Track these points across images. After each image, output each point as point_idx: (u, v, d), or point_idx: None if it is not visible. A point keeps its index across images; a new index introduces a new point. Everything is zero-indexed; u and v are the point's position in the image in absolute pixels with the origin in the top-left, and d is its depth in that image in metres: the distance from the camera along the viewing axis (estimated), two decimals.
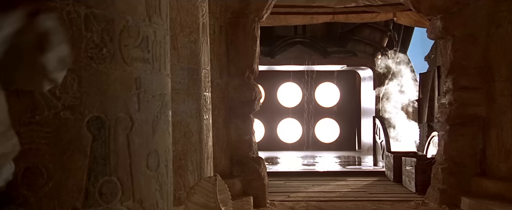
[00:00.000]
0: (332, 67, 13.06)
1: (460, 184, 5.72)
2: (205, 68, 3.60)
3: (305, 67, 12.98)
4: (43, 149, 1.24)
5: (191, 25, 3.42)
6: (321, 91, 14.25)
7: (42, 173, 1.23)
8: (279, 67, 12.92)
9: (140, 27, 1.48)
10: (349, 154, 13.29)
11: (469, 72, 5.71)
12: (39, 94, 1.23)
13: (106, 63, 1.36)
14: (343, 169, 10.28)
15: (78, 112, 1.29)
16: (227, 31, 5.95)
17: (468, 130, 5.72)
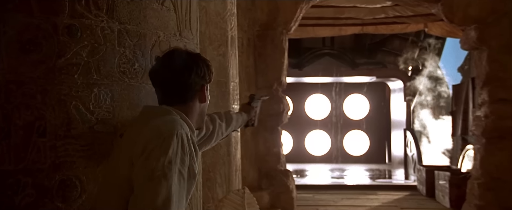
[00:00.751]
0: (361, 79, 12.90)
1: (499, 200, 5.46)
2: (233, 81, 3.61)
3: (333, 79, 12.88)
4: (77, 162, 1.26)
5: (220, 38, 3.45)
6: (350, 103, 14.08)
7: (76, 186, 1.25)
8: (307, 79, 12.87)
9: (171, 42, 1.50)
10: (379, 167, 13.01)
11: (506, 84, 5.50)
12: (74, 108, 1.25)
13: (138, 78, 1.38)
14: (373, 182, 10.06)
15: (111, 125, 1.31)
16: (255, 43, 5.97)
17: (507, 144, 5.47)
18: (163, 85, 1.37)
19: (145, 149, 1.20)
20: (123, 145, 1.30)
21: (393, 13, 8.04)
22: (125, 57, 1.35)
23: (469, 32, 5.76)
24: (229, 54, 3.53)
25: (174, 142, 1.22)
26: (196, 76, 1.42)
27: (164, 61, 1.36)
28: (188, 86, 1.40)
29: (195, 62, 1.44)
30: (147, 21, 1.41)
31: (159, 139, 1.21)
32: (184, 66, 1.37)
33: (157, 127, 1.25)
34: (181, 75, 1.37)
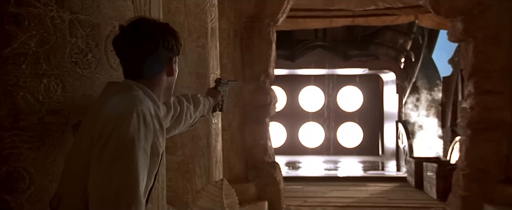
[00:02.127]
0: (353, 71, 12.91)
1: (483, 191, 5.50)
2: (214, 73, 3.59)
3: (327, 71, 12.87)
4: (25, 153, 1.25)
5: (200, 30, 3.42)
6: (344, 95, 14.10)
7: (24, 178, 1.24)
8: (301, 71, 12.86)
9: None
10: (372, 159, 13.08)
11: (492, 76, 5.51)
12: (22, 99, 1.24)
13: (92, 68, 1.37)
14: (363, 174, 10.09)
15: (62, 116, 1.30)
16: (242, 35, 5.94)
17: (492, 135, 5.51)
18: (127, 58, 1.29)
19: (103, 130, 1.15)
20: (84, 125, 1.24)
21: (383, 4, 8.01)
22: (77, 48, 1.33)
23: (456, 24, 5.76)
24: (209, 46, 3.51)
25: (134, 119, 1.16)
26: (163, 48, 1.34)
27: (128, 31, 1.27)
28: (154, 59, 1.32)
29: (162, 33, 1.35)
30: (101, 11, 1.39)
31: (117, 119, 1.16)
32: (149, 37, 1.30)
33: (114, 106, 1.19)
34: (147, 47, 1.29)
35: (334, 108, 13.99)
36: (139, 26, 1.29)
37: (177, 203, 3.24)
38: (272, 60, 6.27)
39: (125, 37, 1.27)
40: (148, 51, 1.30)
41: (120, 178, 1.12)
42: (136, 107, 1.19)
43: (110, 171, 1.12)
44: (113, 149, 1.13)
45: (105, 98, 1.24)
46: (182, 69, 3.32)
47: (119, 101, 1.21)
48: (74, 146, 1.25)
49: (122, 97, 1.23)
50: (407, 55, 12.87)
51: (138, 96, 1.25)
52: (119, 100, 1.22)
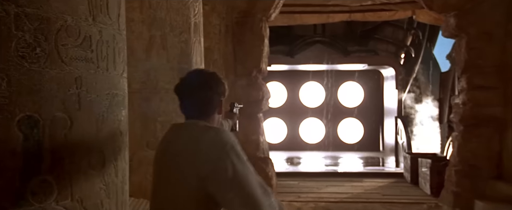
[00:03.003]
0: (353, 67, 12.85)
1: (475, 187, 5.48)
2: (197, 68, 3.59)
3: (328, 67, 12.83)
4: None
5: (182, 25, 3.42)
6: (344, 91, 14.06)
7: None
8: (302, 67, 12.82)
9: (81, 27, 1.48)
10: (372, 155, 13.04)
11: (484, 71, 5.47)
12: None
13: (40, 63, 1.37)
14: (360, 170, 10.08)
15: (7, 111, 1.31)
16: (234, 30, 5.94)
17: (483, 131, 5.47)
18: (192, 103, 1.66)
19: (220, 158, 1.47)
20: (179, 161, 1.53)
21: (380, 0, 7.96)
22: (24, 42, 1.34)
23: (449, 19, 5.71)
24: (192, 41, 3.51)
25: (236, 145, 1.54)
26: (216, 95, 1.71)
27: (190, 80, 1.68)
28: (212, 102, 1.69)
29: (215, 81, 1.72)
30: (50, 5, 1.39)
31: (228, 146, 1.50)
32: (208, 85, 1.67)
33: (216, 140, 1.52)
34: (209, 95, 1.67)
35: (334, 104, 13.95)
36: (199, 76, 1.71)
37: None
38: (265, 56, 6.27)
39: (190, 87, 1.67)
40: (209, 98, 1.68)
41: (256, 180, 1.53)
42: (231, 136, 1.56)
43: (248, 180, 1.49)
44: (240, 166, 1.49)
45: (194, 135, 1.55)
46: (164, 64, 3.34)
47: (215, 136, 1.54)
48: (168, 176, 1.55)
49: (215, 132, 1.56)
50: (407, 51, 12.80)
51: (222, 129, 1.62)
52: (215, 135, 1.55)
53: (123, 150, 1.73)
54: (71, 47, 1.45)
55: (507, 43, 5.31)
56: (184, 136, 1.59)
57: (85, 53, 1.50)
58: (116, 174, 1.66)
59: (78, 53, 1.47)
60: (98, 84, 1.56)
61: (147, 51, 3.26)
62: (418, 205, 6.06)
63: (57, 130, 1.41)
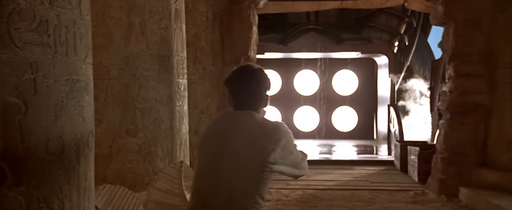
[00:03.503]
0: (347, 55, 12.82)
1: (460, 174, 5.53)
2: (178, 55, 3.58)
3: (321, 55, 12.79)
4: None
5: (162, 11, 3.40)
6: (339, 79, 14.06)
7: None
8: (296, 55, 12.77)
9: (36, 10, 1.47)
10: (366, 143, 13.10)
11: (471, 59, 5.47)
12: None
13: None
14: (352, 158, 10.13)
15: None
16: (221, 18, 5.90)
17: (469, 119, 5.50)
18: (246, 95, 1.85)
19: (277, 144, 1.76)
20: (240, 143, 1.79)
21: None
22: None
23: (437, 7, 5.70)
24: (172, 28, 3.49)
25: (291, 134, 1.84)
26: (264, 89, 1.89)
27: (243, 75, 1.87)
28: (262, 96, 1.88)
29: (264, 76, 1.89)
30: None
31: (283, 132, 1.80)
32: (259, 81, 1.86)
33: (274, 126, 1.81)
34: (259, 90, 1.86)
35: (329, 92, 13.96)
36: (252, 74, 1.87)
37: (138, 185, 3.27)
38: (253, 43, 6.24)
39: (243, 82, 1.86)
40: (260, 92, 1.87)
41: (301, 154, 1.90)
42: (285, 126, 1.84)
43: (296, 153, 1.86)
44: (291, 145, 1.82)
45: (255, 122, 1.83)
46: (143, 51, 3.33)
47: (273, 123, 1.85)
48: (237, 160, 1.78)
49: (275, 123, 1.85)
50: (401, 39, 12.76)
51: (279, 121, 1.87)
52: (272, 122, 1.85)
53: (86, 136, 1.73)
54: (25, 31, 1.44)
55: (493, 31, 5.31)
56: (248, 122, 1.84)
57: (41, 38, 1.49)
58: (77, 160, 1.66)
59: (33, 38, 1.46)
60: (56, 69, 1.55)
61: (126, 38, 3.25)
62: (405, 192, 6.10)
63: (10, 116, 1.41)
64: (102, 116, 3.20)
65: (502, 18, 5.20)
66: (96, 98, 3.26)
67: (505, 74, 5.12)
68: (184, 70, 3.74)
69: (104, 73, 3.19)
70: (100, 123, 3.20)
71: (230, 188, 1.75)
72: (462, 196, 5.32)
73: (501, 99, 5.20)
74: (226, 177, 1.78)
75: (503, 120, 5.17)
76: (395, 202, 5.53)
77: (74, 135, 1.65)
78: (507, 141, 5.11)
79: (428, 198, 5.66)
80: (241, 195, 1.74)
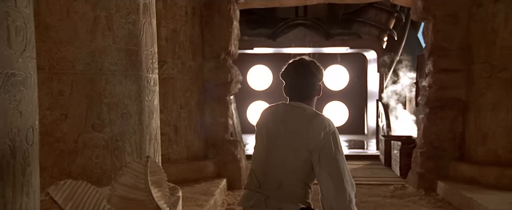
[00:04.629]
0: (336, 50, 12.82)
1: (438, 168, 5.57)
2: (147, 50, 3.56)
3: (311, 50, 12.78)
4: None
5: (129, 5, 3.38)
6: (330, 74, 14.07)
7: None
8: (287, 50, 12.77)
9: None
10: (357, 137, 13.13)
11: (450, 54, 5.49)
12: None
13: None
14: None
15: None
16: (201, 12, 5.88)
17: (447, 113, 5.53)
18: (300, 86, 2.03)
19: (321, 139, 1.90)
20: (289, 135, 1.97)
21: None
22: None
23: (417, 2, 5.70)
24: (141, 22, 3.47)
25: (337, 133, 1.96)
26: (317, 80, 2.05)
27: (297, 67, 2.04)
28: (315, 87, 2.06)
29: (317, 68, 2.05)
30: None
31: (329, 132, 1.92)
32: (312, 72, 2.03)
33: (322, 124, 1.93)
34: (314, 82, 2.03)
35: None
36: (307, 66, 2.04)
37: (105, 180, 3.26)
38: (235, 38, 6.23)
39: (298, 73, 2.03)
40: (313, 83, 2.05)
41: (343, 164, 1.93)
42: (333, 124, 1.98)
43: (338, 161, 1.92)
44: (335, 148, 1.92)
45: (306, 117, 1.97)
46: (110, 45, 3.31)
47: (322, 120, 1.96)
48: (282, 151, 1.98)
49: (322, 118, 1.97)
50: (390, 34, 12.76)
51: (328, 118, 2.00)
52: (323, 120, 1.96)
53: (24, 131, 1.71)
54: None
55: (470, 26, 5.32)
56: (298, 116, 1.99)
57: None
58: (12, 155, 1.65)
59: None
60: None
61: (91, 32, 3.22)
62: (386, 186, 6.14)
63: None
64: (67, 110, 3.18)
65: (479, 13, 5.21)
66: (61, 93, 3.27)
67: (481, 69, 5.14)
68: (155, 65, 3.72)
69: (69, 68, 3.17)
70: (65, 117, 3.19)
71: (280, 177, 1.97)
72: (440, 190, 5.36)
73: (477, 94, 5.22)
74: (277, 166, 1.99)
75: (479, 114, 5.20)
76: (374, 196, 5.56)
77: (8, 130, 1.63)
78: (483, 135, 5.14)
79: (407, 192, 5.69)
80: (288, 183, 1.95)
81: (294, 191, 1.96)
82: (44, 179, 3.07)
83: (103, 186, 3.17)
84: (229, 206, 5.11)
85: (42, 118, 3.12)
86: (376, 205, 5.09)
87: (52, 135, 3.17)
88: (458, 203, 4.73)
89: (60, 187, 2.75)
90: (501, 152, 4.98)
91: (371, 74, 12.98)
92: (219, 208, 5.03)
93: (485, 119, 5.10)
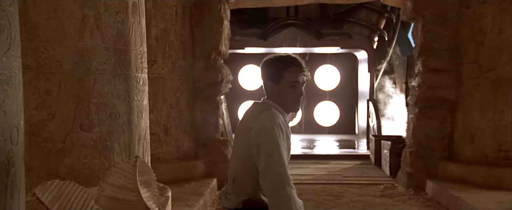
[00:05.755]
0: (327, 50, 12.87)
1: (427, 168, 5.61)
2: (136, 49, 3.54)
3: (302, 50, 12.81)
4: None
5: (118, 5, 3.35)
6: (321, 74, 14.11)
7: None
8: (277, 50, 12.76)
9: None
10: (348, 137, 13.18)
11: (439, 54, 5.54)
12: None
13: None
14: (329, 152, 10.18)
15: None
16: (192, 12, 5.86)
17: (436, 113, 5.57)
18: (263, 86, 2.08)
19: (258, 137, 1.92)
20: (243, 131, 2.05)
21: None
22: None
23: (406, 2, 5.74)
24: (130, 22, 3.45)
25: (277, 129, 1.91)
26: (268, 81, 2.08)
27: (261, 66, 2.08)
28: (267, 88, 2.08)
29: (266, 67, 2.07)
30: None
31: (266, 130, 1.91)
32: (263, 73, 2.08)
33: (263, 121, 1.95)
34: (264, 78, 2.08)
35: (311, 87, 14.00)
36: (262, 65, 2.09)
37: (93, 180, 3.24)
38: (225, 38, 6.22)
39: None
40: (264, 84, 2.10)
41: (274, 166, 1.88)
42: (276, 122, 1.93)
43: (268, 162, 1.88)
44: (265, 149, 1.90)
45: (256, 115, 2.00)
46: (98, 45, 3.28)
47: (266, 116, 1.97)
48: (237, 146, 2.09)
49: (266, 114, 1.98)
50: (380, 34, 12.84)
51: (276, 113, 1.99)
52: (265, 117, 1.97)
53: (8, 131, 1.69)
54: None
55: (459, 27, 5.37)
56: (252, 112, 2.07)
57: None
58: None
59: None
60: None
61: (79, 31, 3.19)
62: (375, 186, 6.17)
63: None
64: (55, 110, 3.15)
65: (467, 14, 5.26)
66: (49, 92, 3.23)
67: (470, 69, 5.19)
68: (144, 65, 3.70)
69: (57, 67, 3.14)
70: (53, 117, 3.16)
71: (234, 172, 2.06)
72: (429, 189, 5.41)
73: (466, 94, 5.28)
74: (233, 161, 2.11)
75: (467, 114, 5.25)
76: (364, 195, 5.59)
77: None
78: (471, 135, 5.19)
79: (396, 192, 5.73)
80: (239, 178, 2.02)
81: (244, 186, 2.00)
82: (31, 179, 3.05)
83: (92, 186, 3.14)
84: (219, 206, 5.10)
85: (29, 117, 3.09)
86: (365, 205, 5.11)
87: (39, 134, 3.14)
88: (446, 202, 4.77)
89: (47, 187, 2.72)
90: (488, 151, 5.04)
91: (362, 74, 13.04)
92: (209, 208, 5.02)
93: (473, 118, 5.15)
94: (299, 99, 2.07)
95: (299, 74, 2.04)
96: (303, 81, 2.06)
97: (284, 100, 2.04)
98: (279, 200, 1.85)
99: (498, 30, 4.88)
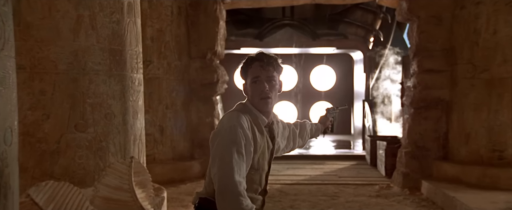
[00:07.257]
0: (322, 50, 12.89)
1: (423, 168, 5.63)
2: (132, 50, 3.53)
3: (298, 50, 12.83)
4: None
5: (113, 5, 3.34)
6: (317, 74, 14.13)
7: None
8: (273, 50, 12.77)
9: None
10: (343, 138, 13.20)
11: (434, 55, 5.56)
12: None
13: None
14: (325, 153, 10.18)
15: None
16: (187, 12, 5.86)
17: (431, 113, 5.59)
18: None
19: (213, 137, 1.84)
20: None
21: None
22: None
23: (402, 3, 5.76)
24: (125, 22, 3.44)
25: (230, 132, 1.79)
26: (244, 81, 1.97)
27: None
28: (244, 89, 1.97)
29: (241, 68, 1.96)
30: None
31: (222, 130, 1.82)
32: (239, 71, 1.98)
33: (222, 121, 1.88)
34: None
35: (307, 87, 14.02)
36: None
37: (88, 181, 3.22)
38: (221, 38, 6.21)
39: None
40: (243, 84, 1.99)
41: (221, 170, 1.76)
42: (233, 123, 1.81)
43: (217, 166, 1.77)
44: (217, 151, 1.79)
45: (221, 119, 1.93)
46: (93, 45, 3.27)
47: (224, 118, 1.89)
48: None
49: (226, 116, 1.90)
50: (376, 35, 12.87)
51: (237, 114, 1.86)
52: (225, 117, 1.90)
53: (1, 132, 1.67)
54: None
55: (454, 27, 5.40)
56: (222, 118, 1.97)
57: None
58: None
59: None
60: None
61: (74, 31, 3.18)
62: (371, 186, 6.18)
63: None
64: (49, 110, 3.13)
65: (462, 15, 5.29)
66: (43, 93, 3.22)
67: (464, 70, 5.21)
68: (139, 65, 3.69)
69: (52, 68, 3.12)
70: (47, 118, 3.14)
71: (208, 172, 1.96)
72: (424, 189, 5.42)
73: (460, 94, 5.30)
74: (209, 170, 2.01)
75: (462, 115, 5.28)
76: (359, 196, 5.59)
77: None
78: (465, 135, 5.22)
79: (392, 192, 5.74)
80: (208, 178, 1.93)
81: (208, 184, 1.92)
82: (25, 180, 3.03)
83: (86, 187, 3.13)
84: None
85: (23, 118, 3.07)
86: (361, 205, 5.12)
87: (34, 135, 3.12)
88: (441, 202, 4.79)
89: (42, 188, 2.70)
90: (483, 151, 5.06)
91: (358, 74, 13.08)
92: None
93: (468, 119, 5.17)
94: (263, 96, 1.89)
95: (261, 69, 1.89)
96: (267, 77, 1.90)
97: (252, 99, 1.93)
98: (224, 205, 1.76)
99: (493, 31, 4.90)
